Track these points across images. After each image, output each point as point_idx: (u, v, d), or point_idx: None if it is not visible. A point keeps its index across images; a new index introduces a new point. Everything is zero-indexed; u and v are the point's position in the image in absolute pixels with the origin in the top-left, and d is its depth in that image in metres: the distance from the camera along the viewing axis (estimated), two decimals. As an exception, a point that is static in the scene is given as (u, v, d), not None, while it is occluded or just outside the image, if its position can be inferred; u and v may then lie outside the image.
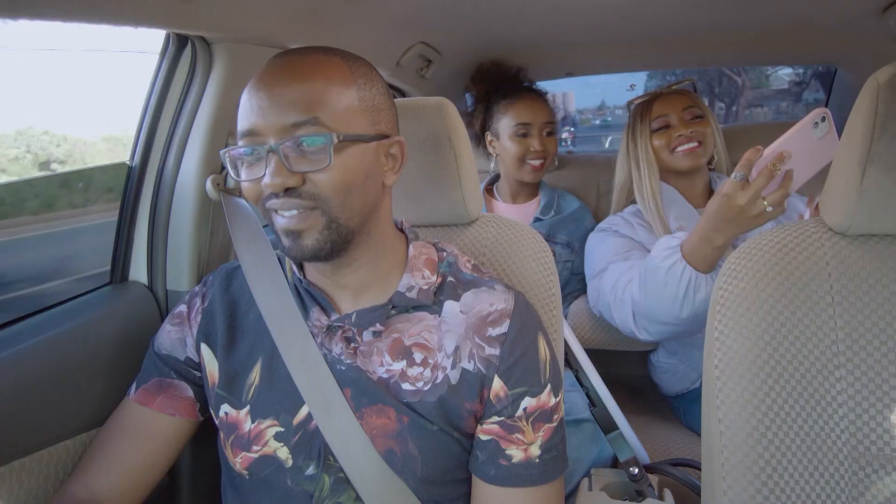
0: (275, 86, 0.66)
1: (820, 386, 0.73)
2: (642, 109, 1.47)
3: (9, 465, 0.74)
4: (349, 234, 0.69)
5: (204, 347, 0.79)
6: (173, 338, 0.81)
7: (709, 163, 1.47)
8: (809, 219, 0.82)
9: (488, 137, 1.66)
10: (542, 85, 1.74)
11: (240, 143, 0.68)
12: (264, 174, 0.65)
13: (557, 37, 1.55)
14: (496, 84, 1.67)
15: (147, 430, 0.78)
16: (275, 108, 0.65)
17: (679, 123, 1.40)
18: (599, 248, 1.37)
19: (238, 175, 0.70)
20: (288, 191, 0.66)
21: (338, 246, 0.69)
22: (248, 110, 0.67)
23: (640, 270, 1.17)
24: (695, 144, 1.38)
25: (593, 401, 1.11)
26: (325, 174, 0.66)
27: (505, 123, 1.60)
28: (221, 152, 0.70)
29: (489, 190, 1.73)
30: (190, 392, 0.80)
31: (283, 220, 0.68)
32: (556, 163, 1.74)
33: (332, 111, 0.66)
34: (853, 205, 0.72)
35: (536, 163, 1.58)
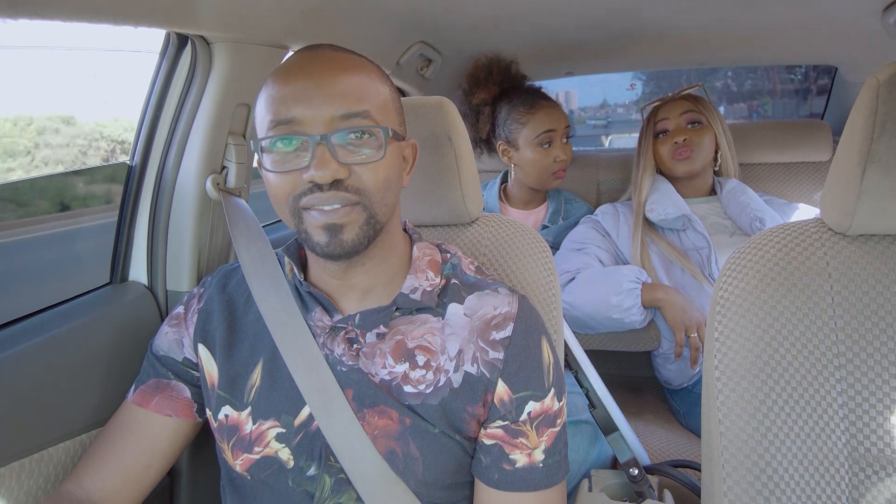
0: (321, 75, 0.65)
1: (820, 387, 0.73)
2: (649, 114, 1.57)
3: (8, 465, 0.74)
4: (380, 231, 0.70)
5: (201, 348, 0.79)
6: (170, 339, 0.81)
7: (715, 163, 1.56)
8: (809, 219, 0.82)
9: (501, 146, 1.64)
10: (543, 84, 1.74)
11: (272, 132, 0.66)
12: (308, 165, 0.64)
13: (557, 36, 1.55)
14: (503, 88, 1.64)
15: (143, 431, 0.78)
16: (322, 97, 0.64)
17: (675, 129, 1.50)
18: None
19: (267, 167, 0.67)
20: (333, 183, 0.64)
21: (371, 241, 0.69)
22: (289, 98, 0.65)
23: (589, 275, 1.39)
24: (687, 150, 1.48)
25: (593, 402, 1.11)
26: (370, 168, 0.66)
27: (526, 133, 1.57)
28: (254, 141, 0.68)
29: (500, 196, 1.72)
30: (187, 393, 0.80)
31: (320, 214, 0.66)
32: None
33: (378, 106, 0.67)
34: (853, 205, 0.72)
35: (561, 172, 1.59)
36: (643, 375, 1.70)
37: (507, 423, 0.72)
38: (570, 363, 1.11)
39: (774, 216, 1.43)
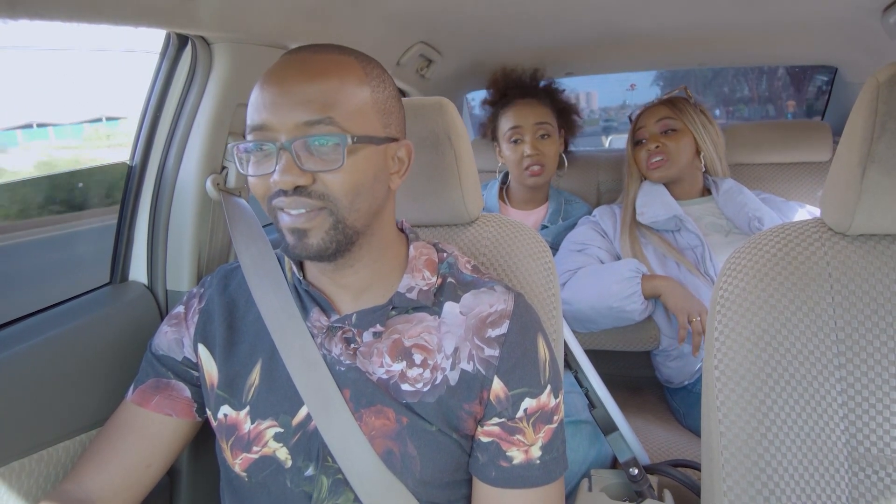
0: (289, 82, 0.65)
1: (820, 387, 0.73)
2: (634, 120, 1.61)
3: (8, 465, 0.74)
4: (354, 236, 0.69)
5: (201, 348, 0.79)
6: (170, 339, 0.81)
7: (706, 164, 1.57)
8: (809, 219, 0.82)
9: (495, 145, 1.68)
10: (567, 83, 1.78)
11: (248, 137, 0.68)
12: (274, 171, 0.65)
13: (557, 36, 1.55)
14: (505, 90, 1.68)
15: (143, 431, 0.78)
16: (288, 105, 0.65)
17: (650, 136, 1.53)
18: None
19: (245, 169, 0.69)
20: (297, 189, 0.65)
21: (342, 246, 0.69)
22: (260, 105, 0.66)
23: (589, 270, 1.42)
24: (659, 159, 1.50)
25: (593, 402, 1.11)
26: (336, 175, 0.65)
27: (501, 130, 1.62)
28: (230, 146, 0.69)
29: (500, 196, 1.73)
30: (187, 392, 0.80)
31: (288, 218, 0.67)
32: (565, 165, 1.75)
33: (346, 111, 0.66)
34: (853, 205, 0.72)
35: (535, 168, 1.57)
36: (643, 375, 1.70)
37: (503, 420, 0.72)
38: (570, 363, 1.11)
39: (772, 215, 1.44)
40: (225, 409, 0.76)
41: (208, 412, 0.78)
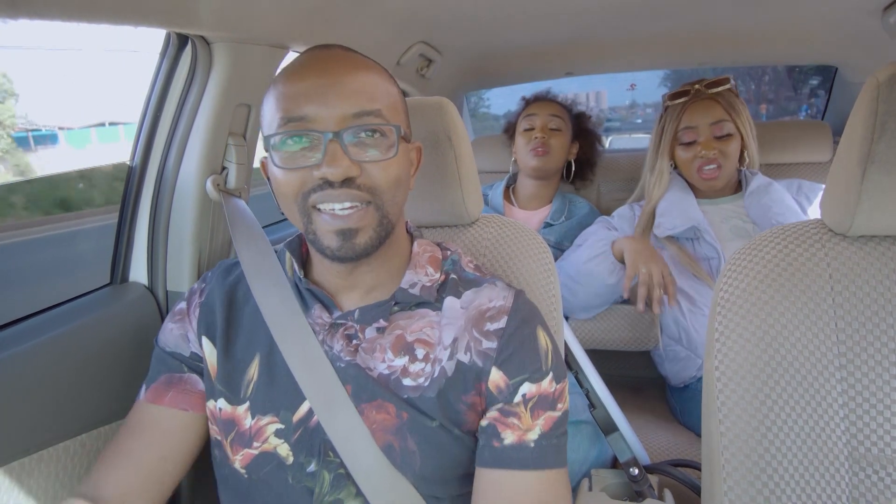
0: (334, 73, 0.65)
1: (821, 387, 0.73)
2: (674, 112, 1.45)
3: (8, 465, 0.74)
4: (391, 232, 0.70)
5: (205, 341, 0.78)
6: (176, 335, 0.81)
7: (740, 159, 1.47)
8: (809, 219, 0.82)
9: (513, 145, 1.77)
10: (576, 82, 1.84)
11: (282, 129, 0.66)
12: (320, 163, 0.64)
13: (557, 36, 1.55)
14: (535, 97, 1.79)
15: (159, 428, 0.76)
16: (337, 95, 0.64)
17: (705, 140, 1.39)
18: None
19: (276, 162, 0.67)
20: (346, 181, 0.64)
21: (382, 243, 0.70)
22: (301, 96, 0.65)
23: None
24: (714, 167, 1.39)
25: (593, 402, 1.11)
26: (383, 167, 0.66)
27: (519, 122, 1.73)
28: (267, 135, 0.67)
29: (506, 195, 1.78)
30: (201, 385, 0.79)
31: (332, 219, 0.66)
32: (572, 170, 1.77)
33: (389, 105, 0.68)
34: (853, 205, 0.72)
35: (539, 149, 1.65)
36: (643, 375, 1.70)
37: (501, 404, 0.72)
38: (570, 363, 1.11)
39: (799, 216, 1.35)
40: (220, 403, 0.76)
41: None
